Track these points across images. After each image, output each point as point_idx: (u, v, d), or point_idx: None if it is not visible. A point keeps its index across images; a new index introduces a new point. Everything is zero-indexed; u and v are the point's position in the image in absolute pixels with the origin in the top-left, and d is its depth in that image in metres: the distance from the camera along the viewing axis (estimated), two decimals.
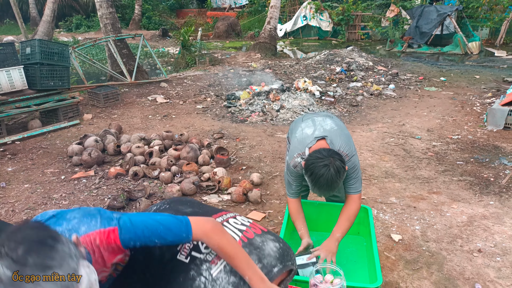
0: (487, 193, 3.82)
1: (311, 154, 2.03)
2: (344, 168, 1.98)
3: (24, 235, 1.00)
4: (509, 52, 13.03)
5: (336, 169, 1.93)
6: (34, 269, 0.94)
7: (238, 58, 12.44)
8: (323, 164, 1.93)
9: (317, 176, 1.93)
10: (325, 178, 1.92)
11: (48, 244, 1.00)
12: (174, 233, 1.28)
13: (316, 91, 7.35)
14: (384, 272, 2.71)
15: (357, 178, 2.25)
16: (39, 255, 0.97)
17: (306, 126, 2.31)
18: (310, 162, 1.99)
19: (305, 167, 2.01)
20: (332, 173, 1.92)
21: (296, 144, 2.28)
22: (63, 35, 18.81)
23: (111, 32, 8.42)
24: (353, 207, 2.24)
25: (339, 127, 2.31)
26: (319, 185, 1.95)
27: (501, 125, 5.55)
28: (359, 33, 17.04)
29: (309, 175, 1.98)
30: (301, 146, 2.22)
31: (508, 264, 2.79)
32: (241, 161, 4.65)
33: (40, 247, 0.98)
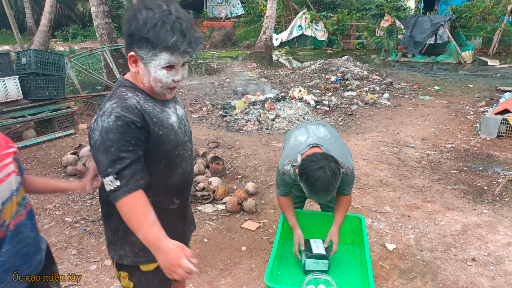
0: (481, 201, 3.84)
1: (305, 158, 2.02)
2: (339, 171, 1.97)
3: None
4: (502, 61, 13.19)
5: (332, 171, 1.91)
6: None
7: (234, 67, 12.51)
8: (318, 167, 1.91)
9: (313, 179, 1.90)
10: (321, 181, 1.89)
11: None
12: None
13: (311, 100, 7.39)
14: (379, 282, 2.71)
15: (352, 185, 2.34)
16: None
17: (300, 134, 2.33)
18: (304, 166, 1.97)
19: (300, 172, 1.98)
20: (328, 175, 1.90)
21: (289, 151, 2.28)
22: (59, 44, 18.86)
23: (107, 42, 8.45)
24: (348, 200, 2.35)
25: (332, 135, 2.33)
26: (316, 189, 1.91)
27: (494, 133, 5.60)
28: (354, 43, 17.21)
29: (304, 180, 1.95)
30: (293, 153, 2.23)
31: (502, 273, 2.80)
32: (236, 171, 4.66)
33: None
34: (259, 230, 3.42)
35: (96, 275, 2.80)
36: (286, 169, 2.22)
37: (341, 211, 2.33)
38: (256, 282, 2.72)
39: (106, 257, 3.03)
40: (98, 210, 3.68)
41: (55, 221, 3.51)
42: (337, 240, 2.28)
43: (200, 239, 3.27)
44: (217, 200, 3.92)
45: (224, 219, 3.60)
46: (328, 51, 16.73)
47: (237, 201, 3.71)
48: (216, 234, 3.35)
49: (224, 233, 3.36)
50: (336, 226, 2.31)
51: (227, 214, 3.68)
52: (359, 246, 2.40)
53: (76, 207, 3.76)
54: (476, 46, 15.05)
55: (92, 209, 3.72)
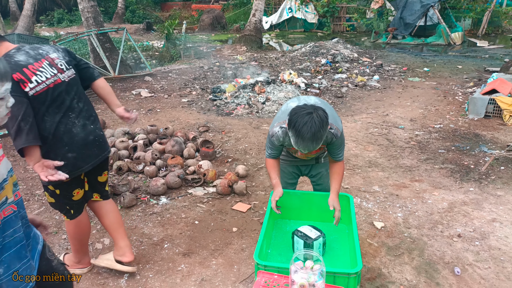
0: (467, 180, 3.91)
1: (294, 107, 2.04)
2: (327, 120, 1.98)
3: None
4: (491, 42, 13.25)
5: (320, 118, 1.93)
6: None
7: (223, 51, 12.38)
8: (306, 112, 1.94)
9: (300, 124, 1.91)
10: (309, 126, 1.90)
11: None
12: None
13: (301, 83, 7.37)
14: (367, 259, 2.76)
15: (343, 149, 2.37)
16: None
17: (291, 101, 2.38)
18: (293, 113, 1.99)
19: (289, 120, 2.00)
20: (316, 120, 1.91)
21: (279, 115, 2.32)
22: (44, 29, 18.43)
23: (93, 26, 8.28)
24: (341, 166, 2.38)
25: (322, 103, 2.36)
26: (303, 135, 1.92)
27: (482, 113, 5.67)
28: (344, 25, 17.10)
29: (292, 126, 1.97)
30: (283, 115, 2.25)
31: (486, 247, 2.87)
32: (227, 154, 4.66)
33: None
34: (250, 211, 3.45)
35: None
36: (275, 131, 2.25)
37: (336, 179, 2.37)
38: (247, 262, 2.76)
39: (97, 240, 3.03)
40: None
41: (45, 206, 3.49)
42: (339, 207, 2.32)
43: (191, 221, 3.29)
44: (208, 183, 3.93)
45: (215, 202, 3.62)
46: (319, 34, 16.62)
47: (227, 184, 3.72)
48: (207, 216, 3.37)
49: (215, 215, 3.39)
50: (334, 193, 2.35)
51: (217, 197, 3.70)
52: (348, 224, 2.44)
53: None
54: (466, 27, 15.07)
55: None
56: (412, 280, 2.56)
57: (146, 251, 2.90)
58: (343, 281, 1.84)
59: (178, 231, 3.15)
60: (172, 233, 3.13)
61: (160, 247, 2.95)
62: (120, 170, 4.07)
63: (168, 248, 2.94)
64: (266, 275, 1.83)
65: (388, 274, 2.61)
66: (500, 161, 4.27)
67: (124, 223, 3.24)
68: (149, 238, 3.06)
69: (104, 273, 2.65)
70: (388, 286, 2.51)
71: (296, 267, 1.60)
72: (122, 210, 3.43)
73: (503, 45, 12.79)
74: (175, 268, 2.70)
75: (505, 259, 2.74)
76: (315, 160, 2.56)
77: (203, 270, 2.68)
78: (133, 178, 3.99)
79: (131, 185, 3.75)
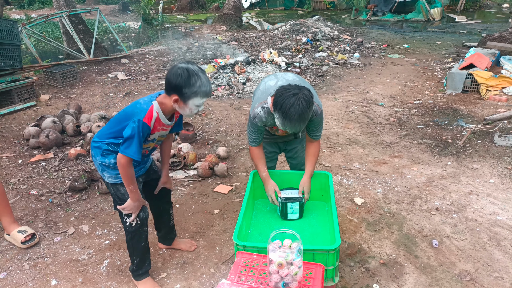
0: (445, 154, 3.97)
1: (279, 88, 2.01)
2: (312, 99, 1.98)
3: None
4: (469, 17, 13.35)
5: (306, 98, 1.92)
6: None
7: (202, 31, 12.12)
8: (292, 93, 1.92)
9: (287, 106, 1.91)
10: (296, 108, 1.90)
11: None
12: None
13: (282, 62, 7.29)
14: (347, 235, 2.80)
15: (321, 128, 2.37)
16: None
17: (269, 80, 2.33)
18: (278, 94, 1.97)
19: (274, 101, 1.98)
20: (302, 101, 1.90)
21: (259, 95, 2.27)
22: (15, 12, 17.65)
23: (64, 7, 7.95)
24: (317, 147, 2.39)
25: (300, 79, 2.33)
26: (290, 116, 1.92)
27: (460, 88, 5.73)
28: (324, 3, 16.92)
29: (279, 108, 1.95)
30: (263, 96, 2.21)
31: (463, 219, 2.94)
32: (208, 136, 4.60)
33: None
34: (231, 193, 3.43)
35: (65, 246, 2.76)
36: (257, 112, 2.21)
37: (311, 160, 2.37)
38: (229, 243, 2.76)
39: (75, 227, 2.97)
40: (64, 182, 3.58)
41: (20, 195, 3.40)
42: (309, 189, 2.35)
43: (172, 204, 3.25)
44: (188, 166, 3.88)
45: (196, 184, 3.58)
46: (299, 12, 16.42)
47: (208, 166, 3.68)
48: (188, 199, 3.33)
49: (196, 198, 3.36)
50: (307, 175, 2.36)
51: (198, 179, 3.66)
52: (327, 202, 2.45)
53: (41, 180, 3.64)
54: (445, 3, 15.11)
55: (59, 181, 3.62)
56: (392, 254, 2.61)
57: None
58: (322, 258, 1.85)
59: None
60: (151, 217, 3.08)
61: None
62: None
63: (149, 232, 2.90)
64: (245, 255, 1.82)
65: (368, 249, 2.65)
66: (477, 135, 4.35)
67: (103, 209, 3.19)
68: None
69: (83, 260, 2.61)
70: (368, 261, 2.54)
71: (273, 246, 1.59)
72: (100, 196, 3.37)
73: (481, 20, 12.90)
74: (156, 252, 2.68)
75: (481, 230, 2.81)
76: (293, 135, 2.54)
77: (184, 253, 2.66)
78: None
79: None
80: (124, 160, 1.94)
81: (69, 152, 4.03)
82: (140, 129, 1.89)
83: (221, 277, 2.44)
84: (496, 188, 3.33)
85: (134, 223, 2.16)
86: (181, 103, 1.91)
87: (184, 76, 1.84)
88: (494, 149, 4.00)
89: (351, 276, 2.42)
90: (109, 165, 2.07)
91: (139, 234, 2.23)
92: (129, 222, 2.16)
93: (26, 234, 2.72)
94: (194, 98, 1.88)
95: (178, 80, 1.84)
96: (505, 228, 2.81)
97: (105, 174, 2.11)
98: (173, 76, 1.86)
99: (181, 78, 1.84)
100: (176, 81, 1.85)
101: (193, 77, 1.84)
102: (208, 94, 1.92)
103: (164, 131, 2.11)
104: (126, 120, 1.94)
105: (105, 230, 2.92)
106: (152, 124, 1.94)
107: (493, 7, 15.87)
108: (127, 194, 2.10)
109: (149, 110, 1.92)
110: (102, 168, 2.10)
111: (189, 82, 1.84)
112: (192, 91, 1.85)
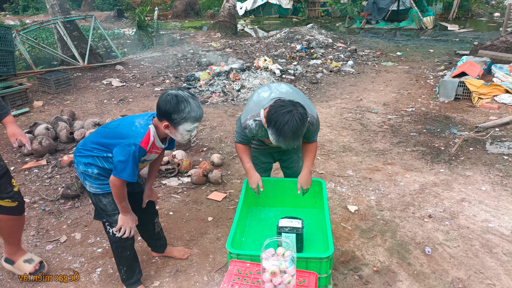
0: (438, 161, 4.00)
1: (272, 105, 2.02)
2: (306, 115, 2.00)
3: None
4: (461, 25, 13.54)
5: (300, 115, 1.94)
6: None
7: (197, 38, 12.16)
8: (286, 111, 1.94)
9: (281, 123, 1.92)
10: (290, 125, 1.91)
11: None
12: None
13: (276, 69, 7.33)
14: (341, 242, 2.80)
15: (317, 132, 2.41)
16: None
17: (263, 91, 2.34)
18: (272, 111, 1.97)
19: (268, 118, 1.99)
20: (296, 119, 1.92)
21: (252, 106, 2.28)
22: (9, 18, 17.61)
23: (59, 13, 7.94)
24: (315, 145, 2.43)
25: (294, 90, 2.35)
26: (284, 133, 1.93)
27: (452, 96, 5.80)
28: (319, 10, 17.08)
29: (273, 125, 1.96)
30: (256, 107, 2.22)
31: (456, 227, 2.96)
32: (202, 143, 4.60)
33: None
34: (225, 200, 3.43)
35: (57, 254, 2.73)
36: (248, 124, 2.22)
37: (309, 156, 2.41)
38: (223, 250, 2.75)
39: (67, 235, 2.95)
40: (57, 189, 3.56)
41: None
42: (306, 184, 2.39)
43: (166, 212, 3.24)
44: (182, 173, 3.87)
45: (190, 192, 3.57)
46: (294, 19, 16.55)
47: (202, 173, 3.68)
48: (181, 207, 3.33)
49: (190, 205, 3.35)
50: (305, 169, 2.39)
51: (192, 187, 3.65)
52: (321, 209, 2.45)
53: (34, 187, 3.61)
54: (437, 11, 15.33)
55: (51, 188, 3.59)
56: (385, 261, 2.61)
57: None
58: (316, 266, 1.85)
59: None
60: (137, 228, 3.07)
61: None
62: None
63: (141, 240, 2.89)
64: (238, 264, 1.82)
65: (362, 257, 2.66)
66: (469, 142, 4.39)
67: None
68: None
69: (75, 268, 2.59)
70: (361, 268, 2.55)
71: (266, 255, 1.59)
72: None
73: (473, 28, 13.09)
74: (149, 260, 2.66)
75: (473, 237, 2.82)
76: None
77: (177, 261, 2.65)
78: None
79: None
80: (118, 182, 1.96)
81: (62, 159, 4.00)
82: (136, 153, 1.92)
83: (214, 285, 2.43)
84: (488, 195, 3.36)
85: (121, 234, 2.15)
86: (172, 129, 1.95)
87: (173, 103, 1.87)
88: (486, 157, 4.04)
89: (344, 284, 2.42)
90: (91, 175, 2.08)
91: (123, 243, 2.22)
92: (112, 232, 2.16)
93: (34, 264, 2.47)
94: (184, 123, 1.91)
95: (167, 107, 1.88)
96: (497, 235, 2.83)
97: (87, 183, 2.11)
98: (163, 102, 1.89)
99: (169, 104, 1.87)
100: (165, 107, 1.88)
101: (182, 103, 1.87)
102: (198, 119, 1.96)
103: (156, 154, 2.15)
104: (119, 138, 1.96)
105: (97, 238, 2.90)
106: (148, 148, 1.97)
107: (485, 16, 16.12)
108: (109, 205, 2.11)
109: (146, 135, 1.95)
110: (84, 177, 2.11)
111: (178, 108, 1.87)
112: (182, 117, 1.88)
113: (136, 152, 1.91)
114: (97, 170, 2.05)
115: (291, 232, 2.10)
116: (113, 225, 2.15)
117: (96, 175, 2.06)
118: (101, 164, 2.05)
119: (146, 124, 1.98)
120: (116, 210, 2.13)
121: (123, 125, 2.03)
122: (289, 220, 2.18)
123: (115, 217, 2.14)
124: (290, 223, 2.16)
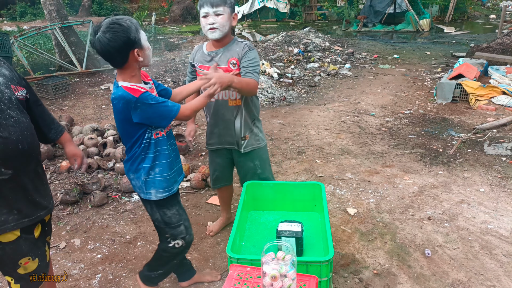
0: (436, 163, 4.02)
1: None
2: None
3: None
4: (457, 28, 13.61)
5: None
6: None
7: (195, 42, 12.18)
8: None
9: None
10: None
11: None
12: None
13: (274, 73, 7.35)
14: (341, 245, 2.80)
15: (257, 67, 2.33)
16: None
17: None
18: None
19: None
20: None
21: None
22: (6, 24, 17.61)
23: (56, 19, 7.95)
24: (252, 80, 2.26)
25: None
26: None
27: (449, 98, 5.82)
28: (316, 14, 17.15)
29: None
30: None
31: (455, 228, 2.96)
32: (201, 147, 4.60)
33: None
34: None
35: (57, 260, 2.72)
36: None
37: (243, 78, 2.23)
38: (222, 255, 2.75)
39: (66, 241, 2.94)
40: (56, 195, 3.55)
41: None
42: (217, 81, 1.96)
43: None
44: None
45: (189, 196, 3.57)
46: (291, 23, 16.61)
47: (201, 177, 3.68)
48: None
49: (189, 210, 3.35)
50: (228, 74, 2.15)
51: (191, 191, 3.65)
52: (320, 212, 2.45)
53: None
54: (433, 14, 15.41)
55: None
56: (385, 264, 2.61)
57: (119, 250, 2.83)
58: (316, 270, 1.85)
59: (152, 228, 3.09)
60: (145, 231, 3.07)
61: (133, 245, 2.89)
62: (90, 168, 3.95)
63: (141, 246, 2.89)
64: (238, 268, 1.81)
65: (362, 260, 2.66)
66: (467, 144, 4.41)
67: (95, 222, 3.16)
68: (121, 237, 2.99)
69: (75, 274, 2.58)
70: (362, 271, 2.55)
71: (267, 259, 1.59)
72: (92, 209, 3.34)
73: (469, 30, 13.16)
74: None
75: (472, 239, 2.83)
76: (236, 143, 2.59)
77: None
78: (103, 175, 3.88)
79: (102, 183, 3.65)
80: (182, 111, 1.87)
81: (61, 165, 4.00)
82: (148, 97, 1.76)
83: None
84: (487, 196, 3.37)
85: (179, 243, 2.09)
86: (140, 51, 1.78)
87: (119, 36, 1.71)
88: (484, 158, 4.05)
89: (345, 287, 2.42)
90: (154, 177, 1.94)
91: (181, 255, 2.21)
92: (173, 244, 2.09)
93: None
94: (141, 36, 1.78)
95: (118, 42, 1.70)
96: (496, 237, 2.84)
97: (152, 191, 1.97)
98: (113, 44, 1.71)
99: (118, 38, 1.70)
100: (118, 43, 1.70)
101: (121, 26, 1.72)
102: (139, 25, 1.84)
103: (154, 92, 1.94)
104: (125, 116, 1.80)
105: (97, 244, 2.89)
106: (142, 91, 1.77)
107: (481, 18, 16.21)
108: (173, 217, 2.06)
109: (126, 89, 1.76)
110: (147, 185, 1.96)
111: (127, 32, 1.72)
112: (134, 33, 1.74)
113: (146, 98, 1.75)
114: (150, 162, 1.92)
115: (291, 236, 2.10)
116: (178, 237, 2.10)
117: (158, 173, 1.94)
118: (149, 154, 1.92)
119: (117, 86, 1.80)
120: (181, 220, 2.08)
121: (114, 109, 1.86)
122: (289, 224, 2.17)
123: (180, 228, 2.09)
124: (289, 226, 2.15)
